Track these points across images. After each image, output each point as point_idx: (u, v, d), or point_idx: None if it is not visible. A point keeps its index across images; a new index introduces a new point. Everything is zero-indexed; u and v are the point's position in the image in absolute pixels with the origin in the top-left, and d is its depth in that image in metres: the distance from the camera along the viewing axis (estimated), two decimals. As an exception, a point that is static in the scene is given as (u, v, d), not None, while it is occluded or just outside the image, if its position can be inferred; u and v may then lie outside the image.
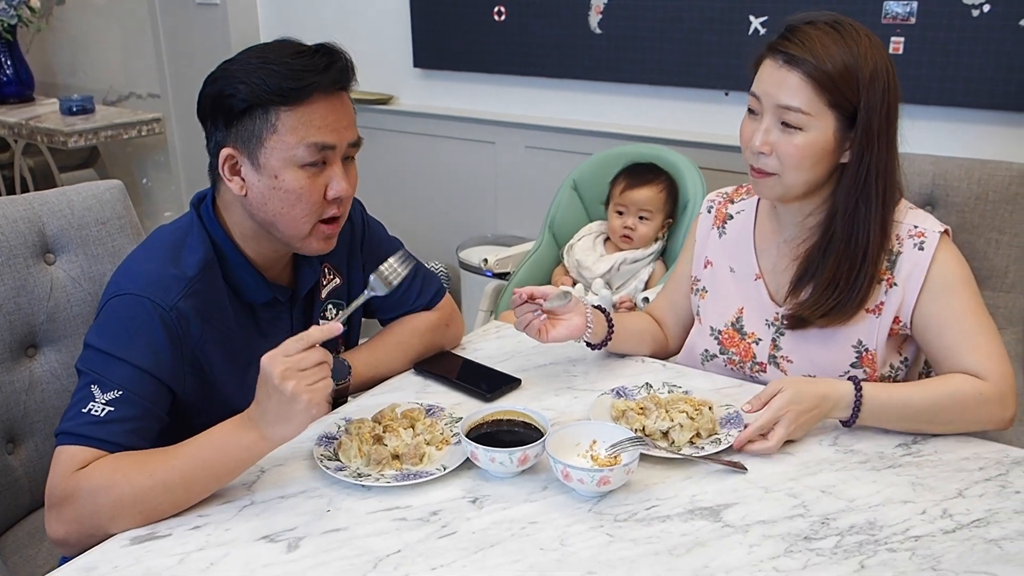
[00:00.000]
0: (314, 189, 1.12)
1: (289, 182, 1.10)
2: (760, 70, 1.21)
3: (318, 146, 1.10)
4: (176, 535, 0.99)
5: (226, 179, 1.13)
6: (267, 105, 1.08)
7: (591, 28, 2.53)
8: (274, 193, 1.11)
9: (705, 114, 2.43)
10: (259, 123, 1.09)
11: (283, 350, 0.98)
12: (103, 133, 3.36)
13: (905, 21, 2.07)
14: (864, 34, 1.18)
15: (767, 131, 1.20)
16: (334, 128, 1.11)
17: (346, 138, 1.13)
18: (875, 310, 1.26)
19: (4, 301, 1.33)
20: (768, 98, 1.19)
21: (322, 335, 1.00)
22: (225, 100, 1.10)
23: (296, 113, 1.09)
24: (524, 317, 1.29)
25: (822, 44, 1.15)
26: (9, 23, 3.52)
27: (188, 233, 1.17)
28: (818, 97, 1.16)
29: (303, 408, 0.97)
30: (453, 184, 3.01)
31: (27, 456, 1.38)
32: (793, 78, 1.16)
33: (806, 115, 1.17)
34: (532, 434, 1.12)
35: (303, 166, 1.10)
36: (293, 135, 1.09)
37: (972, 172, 1.80)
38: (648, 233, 2.15)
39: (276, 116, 1.09)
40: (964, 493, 1.05)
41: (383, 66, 3.02)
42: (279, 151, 1.09)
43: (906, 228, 1.25)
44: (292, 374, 0.97)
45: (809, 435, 1.18)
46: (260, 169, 1.11)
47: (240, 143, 1.11)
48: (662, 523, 1.00)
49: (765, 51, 1.21)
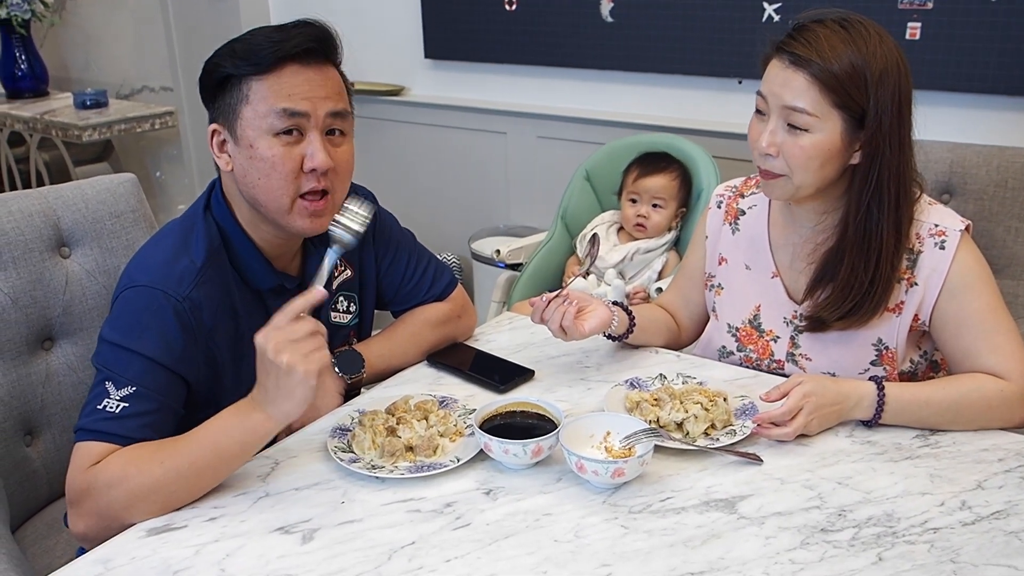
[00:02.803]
0: (288, 159, 1.10)
1: (263, 151, 1.10)
2: (767, 70, 1.20)
3: (288, 112, 1.09)
4: (192, 526, 1.00)
5: (216, 156, 1.16)
6: (241, 76, 1.10)
7: (603, 17, 2.51)
8: (251, 163, 1.11)
9: (718, 102, 2.41)
10: (234, 95, 1.11)
11: (273, 324, 0.99)
12: (117, 127, 3.38)
13: (922, 7, 2.04)
14: (874, 32, 1.15)
15: (773, 132, 1.18)
16: (306, 96, 1.10)
17: (323, 108, 1.11)
18: (895, 309, 1.25)
19: (20, 294, 1.34)
20: (774, 99, 1.17)
21: (305, 303, 0.99)
22: (207, 77, 1.13)
23: (267, 81, 1.09)
24: (556, 314, 1.26)
25: (829, 44, 1.13)
26: (23, 18, 3.54)
27: (196, 221, 1.18)
28: (824, 98, 1.14)
29: (301, 379, 0.96)
30: (465, 175, 3.01)
31: (44, 448, 1.40)
32: (799, 79, 1.14)
33: (812, 116, 1.15)
34: (546, 425, 1.12)
35: (277, 135, 1.10)
36: (264, 103, 1.09)
37: (991, 159, 1.77)
38: (661, 222, 2.13)
39: (248, 86, 1.10)
40: (983, 485, 1.04)
41: (394, 57, 3.02)
42: (253, 121, 1.10)
43: (927, 227, 1.23)
44: (284, 346, 0.96)
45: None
46: (239, 141, 1.12)
47: (222, 117, 1.13)
48: (677, 515, 1.00)
49: (772, 51, 1.19)
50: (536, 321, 1.28)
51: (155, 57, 3.66)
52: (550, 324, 1.27)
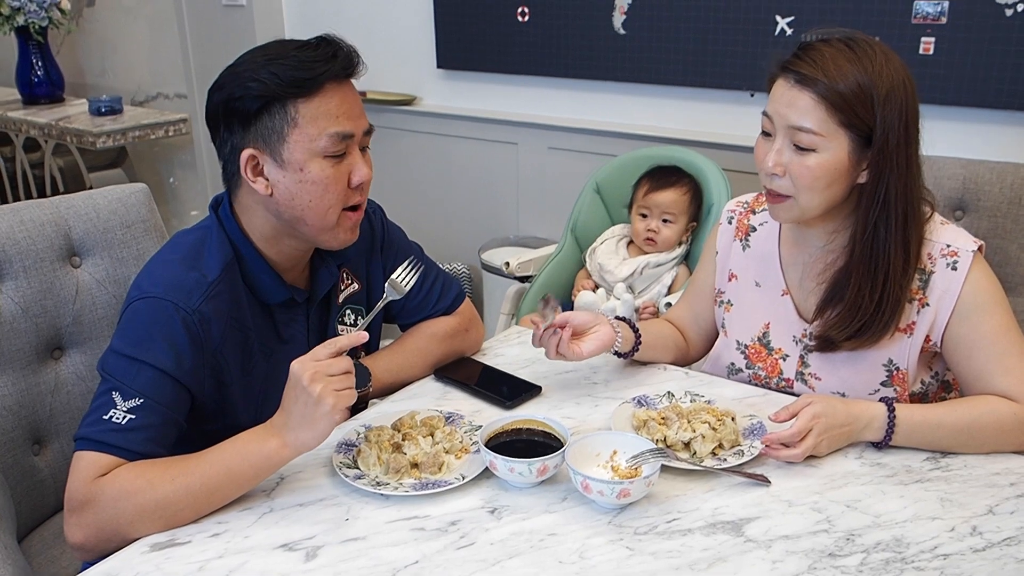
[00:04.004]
0: (339, 177, 1.14)
1: (315, 173, 1.12)
2: (773, 90, 1.19)
3: (340, 135, 1.12)
4: (196, 542, 1.00)
5: (249, 181, 1.14)
6: (283, 99, 1.10)
7: (615, 29, 2.51)
8: (301, 187, 1.12)
9: (730, 115, 2.40)
10: (278, 119, 1.10)
11: (312, 355, 1.02)
12: (131, 134, 3.40)
13: (936, 21, 2.02)
14: (880, 51, 1.14)
15: (779, 152, 1.18)
16: (350, 116, 1.13)
17: (362, 126, 1.16)
18: (907, 329, 1.23)
19: (31, 304, 1.35)
20: (780, 119, 1.17)
21: (349, 342, 1.03)
22: (237, 102, 1.11)
23: (313, 103, 1.10)
24: (550, 343, 1.27)
25: (835, 63, 1.13)
26: (40, 25, 3.57)
27: (208, 236, 1.18)
28: (831, 118, 1.13)
29: (327, 411, 1.00)
30: (476, 185, 3.01)
31: (52, 457, 1.40)
32: (804, 98, 1.14)
33: (819, 136, 1.14)
34: (552, 444, 1.11)
35: (326, 156, 1.12)
36: (314, 126, 1.10)
37: (1004, 176, 1.76)
38: (672, 236, 2.12)
39: (295, 109, 1.10)
40: (995, 510, 1.03)
41: (407, 67, 3.03)
42: (302, 144, 1.11)
43: (939, 247, 1.22)
44: (320, 377, 1.00)
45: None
46: (284, 165, 1.12)
47: (261, 142, 1.12)
48: (683, 537, 0.99)
49: (778, 70, 1.18)
50: (536, 345, 1.28)
51: (170, 64, 3.69)
52: (546, 352, 1.28)
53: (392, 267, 1.39)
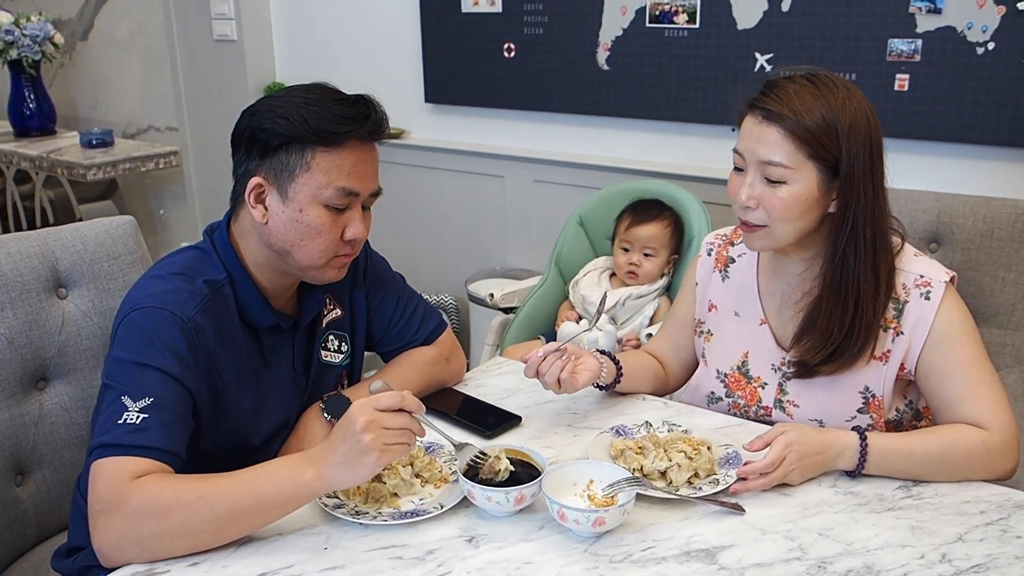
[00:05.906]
0: (334, 228, 1.17)
1: (312, 217, 1.15)
2: (742, 127, 1.24)
3: (345, 191, 1.16)
4: (174, 572, 1.00)
5: (250, 205, 1.18)
6: (304, 143, 1.14)
7: (599, 64, 2.57)
8: (295, 225, 1.16)
9: (711, 149, 2.45)
10: (294, 158, 1.14)
11: (376, 401, 1.02)
12: (121, 166, 3.43)
13: (910, 59, 2.08)
14: (842, 86, 1.19)
15: (752, 186, 1.21)
16: (362, 176, 1.17)
17: (369, 187, 1.20)
18: (882, 357, 1.26)
19: (16, 335, 1.36)
20: (750, 154, 1.21)
21: (418, 405, 1.05)
22: (263, 133, 1.15)
23: (331, 155, 1.14)
24: (555, 367, 1.26)
25: (800, 99, 1.17)
26: (33, 59, 3.61)
27: (202, 256, 1.21)
28: (798, 150, 1.18)
29: (371, 462, 1.00)
30: (463, 217, 3.04)
31: (35, 488, 1.40)
32: (773, 133, 1.18)
33: (788, 169, 1.18)
34: (530, 472, 1.13)
35: (327, 206, 1.16)
36: (324, 175, 1.14)
37: (978, 209, 1.80)
38: (653, 270, 2.15)
39: (312, 155, 1.14)
40: (964, 537, 1.05)
41: (395, 101, 3.05)
42: (308, 187, 1.14)
43: (912, 277, 1.26)
44: (375, 428, 1.00)
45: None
46: (287, 201, 1.15)
47: (271, 174, 1.16)
48: (657, 564, 1.00)
49: (746, 108, 1.23)
50: (529, 376, 1.28)
51: (162, 98, 3.73)
52: (547, 377, 1.26)
53: (374, 295, 1.41)
